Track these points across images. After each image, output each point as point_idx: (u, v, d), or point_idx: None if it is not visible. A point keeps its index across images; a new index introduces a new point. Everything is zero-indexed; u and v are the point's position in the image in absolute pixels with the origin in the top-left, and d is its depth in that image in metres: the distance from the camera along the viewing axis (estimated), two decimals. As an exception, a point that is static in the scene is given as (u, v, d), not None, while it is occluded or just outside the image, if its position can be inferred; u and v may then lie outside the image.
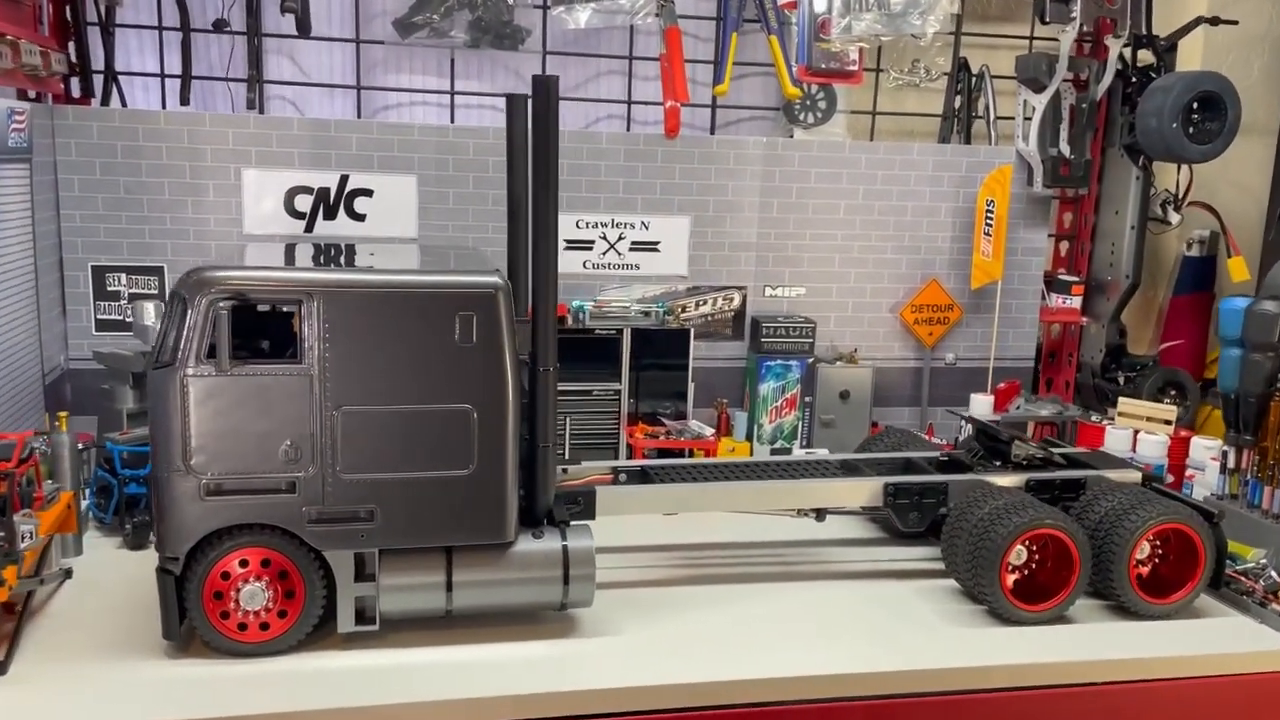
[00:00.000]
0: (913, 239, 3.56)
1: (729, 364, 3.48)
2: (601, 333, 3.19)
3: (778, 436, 3.45)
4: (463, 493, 2.09)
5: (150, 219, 3.06)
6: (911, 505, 2.52)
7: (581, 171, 3.28)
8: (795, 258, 3.48)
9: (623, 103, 3.57)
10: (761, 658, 2.15)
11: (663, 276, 3.40)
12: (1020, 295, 3.67)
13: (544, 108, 2.08)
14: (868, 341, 3.58)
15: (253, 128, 3.07)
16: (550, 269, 2.12)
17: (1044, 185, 3.50)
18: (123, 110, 3.05)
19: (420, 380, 2.04)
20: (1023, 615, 2.32)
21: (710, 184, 3.37)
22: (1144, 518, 2.35)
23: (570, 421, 3.20)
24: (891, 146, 3.51)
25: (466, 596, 2.14)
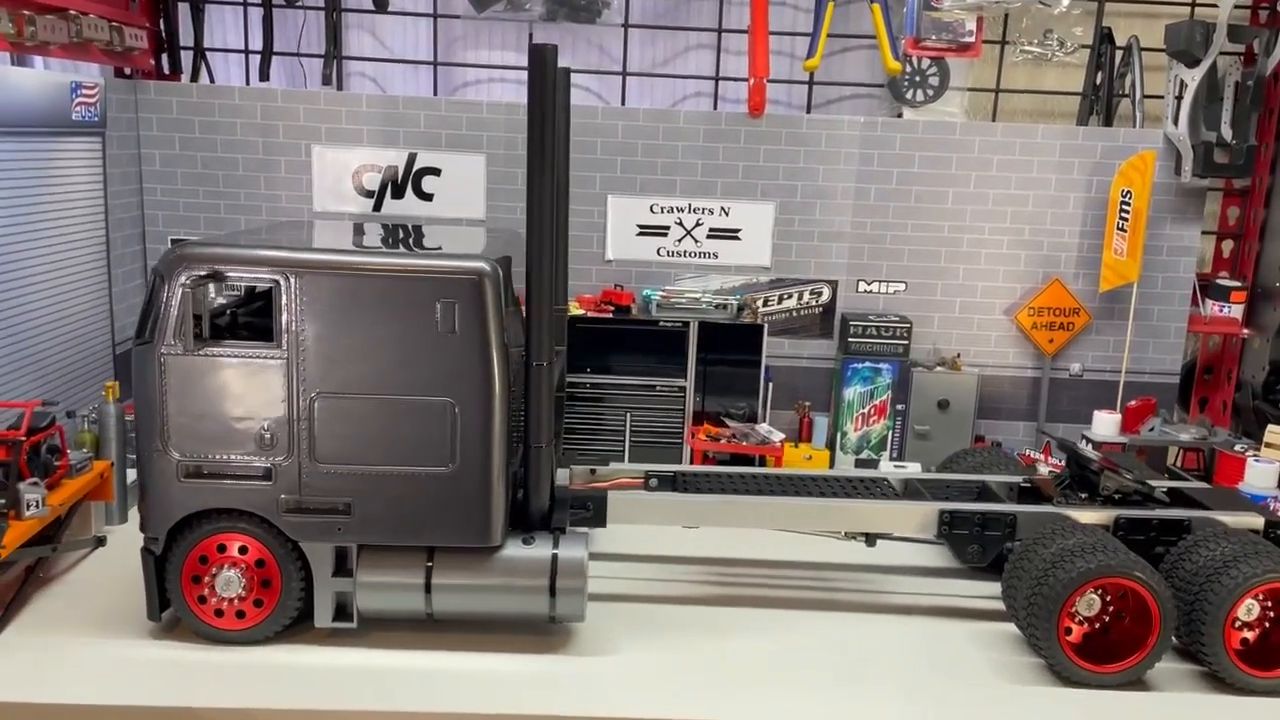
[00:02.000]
0: (1034, 233, 3.16)
1: (815, 364, 3.20)
2: (666, 325, 2.99)
3: (864, 446, 3.15)
4: (444, 492, 1.96)
5: (225, 194, 3.08)
6: (971, 536, 2.20)
7: (656, 152, 3.08)
8: (894, 250, 3.16)
9: (709, 79, 3.34)
10: (766, 701, 1.91)
11: (743, 267, 3.16)
12: (1165, 301, 3.20)
13: (540, 80, 1.90)
14: (977, 346, 3.21)
15: (322, 104, 3.04)
16: (545, 255, 1.94)
17: (1194, 174, 3.02)
18: (200, 86, 3.09)
19: (399, 370, 1.92)
20: (1085, 675, 1.98)
21: (799, 168, 3.10)
22: (1247, 574, 1.96)
23: (631, 418, 3.03)
24: (1011, 128, 3.12)
25: (446, 600, 2.01)
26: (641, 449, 3.04)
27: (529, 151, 1.92)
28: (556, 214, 1.96)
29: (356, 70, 3.35)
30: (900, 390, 3.11)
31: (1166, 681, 2.02)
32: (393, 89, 3.39)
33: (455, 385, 1.93)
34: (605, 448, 3.03)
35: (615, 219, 3.12)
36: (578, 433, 3.03)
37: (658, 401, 3.03)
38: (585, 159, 3.07)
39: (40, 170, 2.55)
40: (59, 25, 2.50)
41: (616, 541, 2.53)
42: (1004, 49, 3.25)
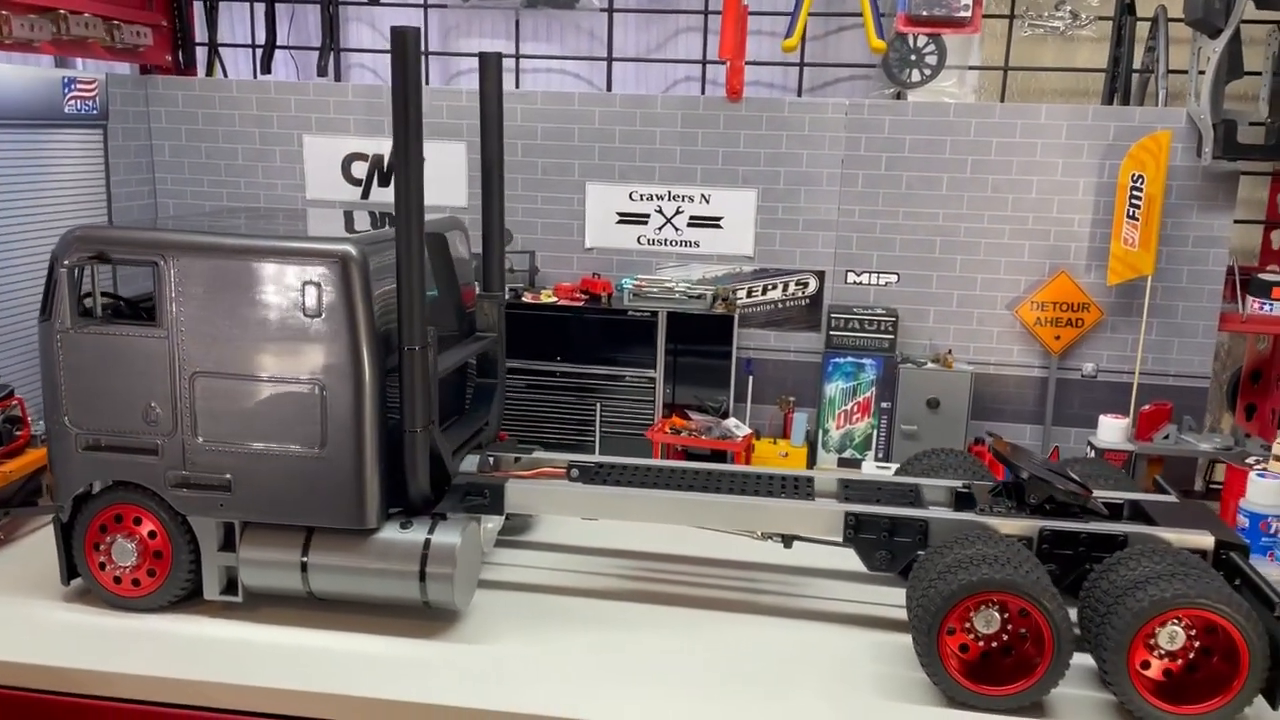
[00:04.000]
0: (1039, 222, 2.93)
1: (803, 358, 3.08)
2: (635, 314, 2.93)
3: (846, 445, 3.01)
4: (317, 473, 1.99)
5: (227, 183, 3.22)
6: (879, 542, 2.07)
7: (635, 139, 3.02)
8: (884, 240, 2.99)
9: (696, 63, 3.25)
10: (627, 698, 1.85)
11: (725, 256, 3.06)
12: (1191, 296, 2.91)
13: (401, 62, 1.89)
14: (977, 343, 3.01)
15: (312, 95, 3.13)
16: (413, 237, 1.93)
17: (1215, 156, 2.73)
18: (202, 79, 3.23)
19: (270, 352, 1.96)
20: (969, 697, 1.83)
21: (782, 153, 2.98)
22: (1155, 596, 1.76)
23: (601, 408, 2.99)
24: (1010, 108, 2.90)
25: (323, 580, 2.04)
26: (612, 440, 3.00)
27: (394, 135, 1.91)
28: (422, 197, 1.94)
29: (357, 62, 3.43)
30: (886, 387, 2.95)
31: (1069, 711, 1.84)
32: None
33: (322, 368, 1.95)
34: (575, 438, 3.01)
35: (594, 207, 3.08)
36: (547, 422, 3.01)
37: (627, 392, 2.98)
38: (563, 146, 3.05)
39: (30, 161, 2.72)
40: (41, 23, 2.65)
41: (551, 532, 2.52)
42: (1011, 23, 3.03)
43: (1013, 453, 2.19)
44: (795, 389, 3.06)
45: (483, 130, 2.44)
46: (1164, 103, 2.88)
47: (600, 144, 3.04)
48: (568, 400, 3.00)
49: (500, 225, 2.50)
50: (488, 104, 2.43)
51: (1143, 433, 2.83)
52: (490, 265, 2.50)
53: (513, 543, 2.47)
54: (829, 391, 2.99)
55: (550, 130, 3.05)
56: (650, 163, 3.03)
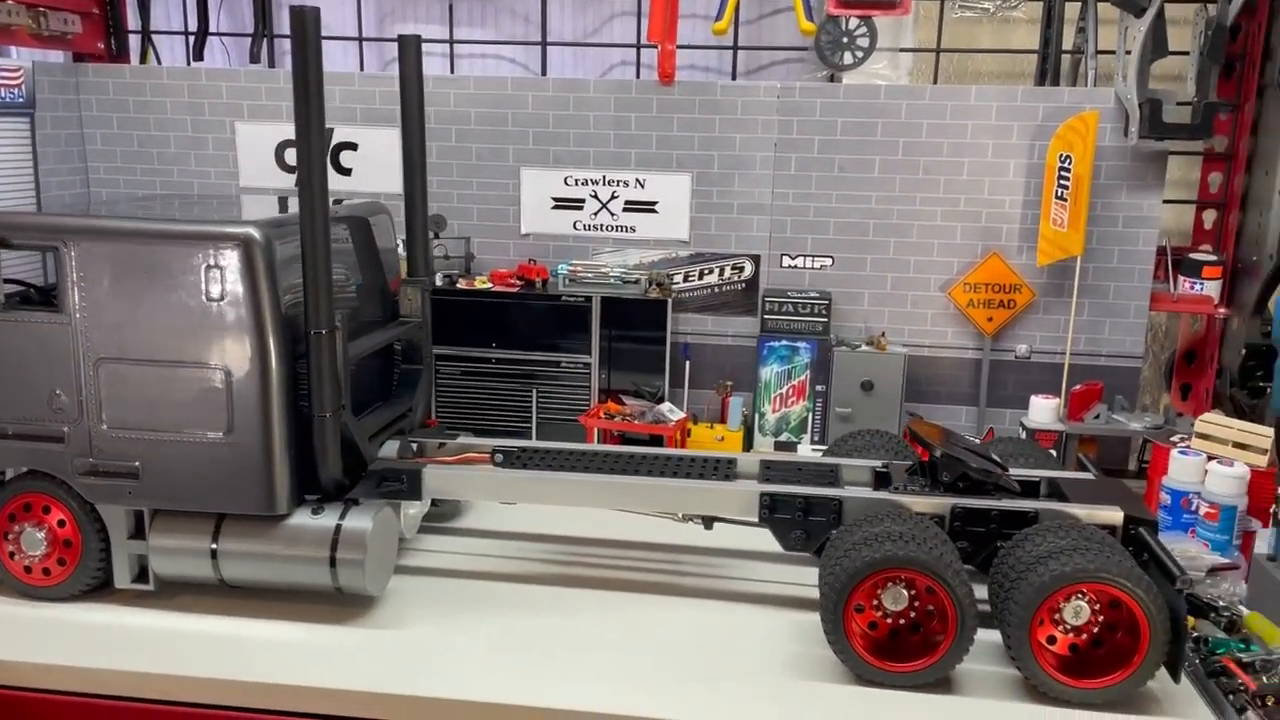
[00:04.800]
0: (970, 204, 2.94)
1: (740, 343, 3.08)
2: (569, 300, 2.92)
3: (783, 429, 3.01)
4: (225, 459, 1.97)
5: (160, 171, 3.19)
6: (794, 521, 2.06)
7: (568, 123, 3.01)
8: (818, 224, 2.99)
9: (630, 47, 3.24)
10: (536, 680, 1.84)
11: (661, 241, 3.06)
12: (1123, 277, 2.93)
13: (301, 43, 1.87)
14: (911, 325, 3.02)
15: (244, 81, 3.10)
16: (317, 221, 1.91)
17: (1140, 135, 2.74)
18: (133, 67, 3.20)
19: (173, 336, 1.94)
20: (875, 674, 1.83)
21: (715, 137, 2.97)
22: (1056, 571, 1.76)
23: (537, 394, 2.98)
24: (941, 90, 2.90)
25: (233, 568, 2.02)
26: (549, 426, 2.99)
27: (295, 117, 1.89)
28: (324, 178, 1.92)
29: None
30: (820, 370, 2.96)
31: (975, 686, 1.85)
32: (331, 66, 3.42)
33: (226, 352, 1.93)
34: (512, 424, 3.00)
35: (529, 192, 3.07)
36: (483, 409, 3.00)
37: (564, 378, 2.97)
38: (497, 131, 3.04)
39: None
40: (-41, 10, 2.62)
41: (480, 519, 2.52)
42: (943, 5, 3.03)
43: (934, 433, 2.19)
44: (733, 373, 3.06)
45: (403, 114, 2.42)
46: (1093, 83, 2.89)
47: (534, 129, 3.03)
48: (504, 387, 2.99)
49: (424, 210, 2.48)
50: (408, 87, 2.41)
51: (1074, 413, 2.85)
52: (415, 250, 2.48)
53: (439, 529, 2.46)
54: (764, 375, 2.99)
55: (484, 115, 3.03)
56: (585, 147, 3.02)
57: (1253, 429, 2.42)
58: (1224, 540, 2.31)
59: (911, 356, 2.95)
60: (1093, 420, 2.82)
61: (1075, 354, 2.91)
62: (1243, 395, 2.92)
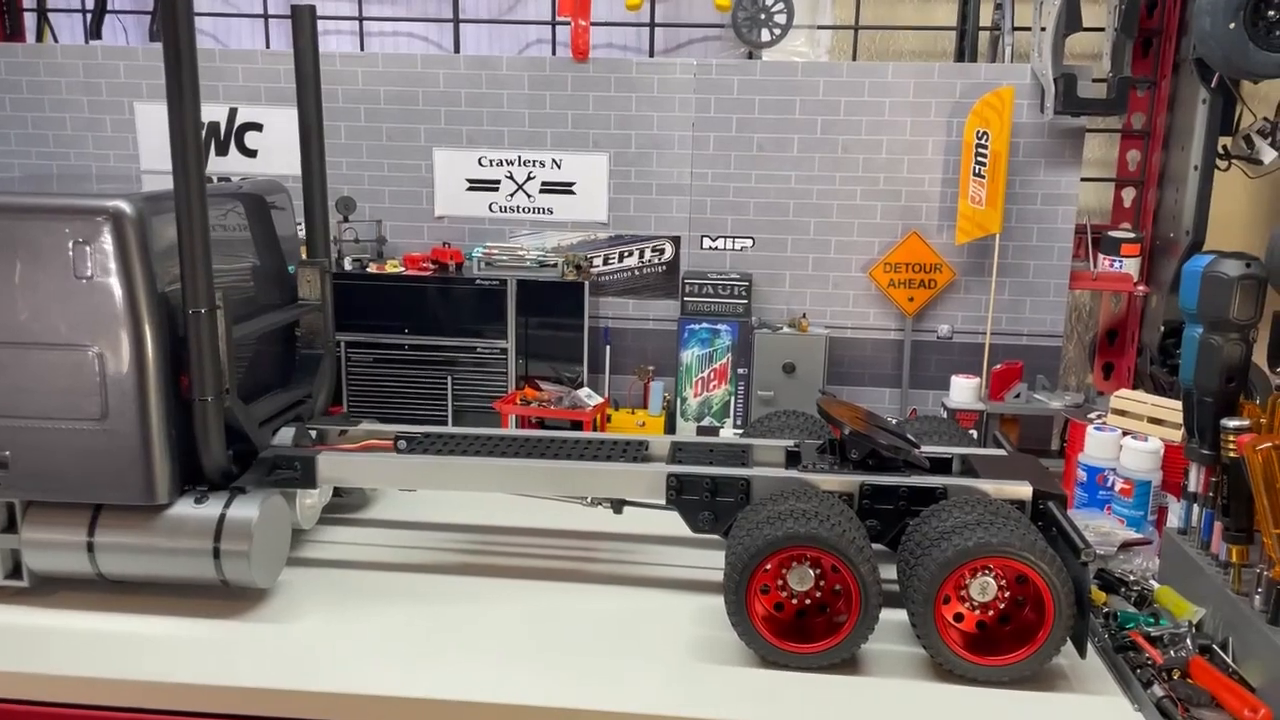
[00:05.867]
0: (890, 182, 2.90)
1: (662, 326, 3.02)
2: (483, 283, 2.84)
3: (705, 413, 2.96)
4: (100, 446, 1.86)
5: (56, 155, 3.06)
6: (701, 503, 2.01)
7: (481, 102, 2.93)
8: (738, 204, 2.94)
9: (545, 24, 3.16)
10: (430, 672, 1.77)
11: (580, 223, 2.99)
12: (1041, 255, 2.91)
13: (171, 9, 1.77)
14: (834, 306, 2.98)
15: (141, 59, 2.98)
16: (193, 195, 1.82)
17: (1055, 111, 2.72)
18: (25, 46, 3.07)
19: (40, 317, 1.83)
20: (779, 655, 1.78)
21: (632, 115, 2.91)
22: (959, 545, 1.72)
23: (452, 381, 2.90)
24: (857, 67, 2.87)
25: (112, 561, 1.92)
26: (465, 414, 2.91)
27: (167, 87, 1.80)
28: (199, 144, 1.83)
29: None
30: (742, 353, 2.91)
31: (880, 666, 1.80)
32: (236, 45, 3.32)
33: (96, 332, 1.83)
34: (427, 412, 2.91)
35: (442, 173, 2.99)
36: (397, 396, 2.91)
37: (480, 364, 2.89)
38: (408, 110, 2.95)
39: None
40: None
41: (386, 509, 2.43)
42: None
43: (844, 411, 2.15)
44: (655, 358, 3.01)
45: (299, 88, 2.33)
46: (1010, 60, 2.87)
47: (447, 108, 2.94)
48: (418, 374, 2.90)
49: (323, 188, 2.39)
50: (302, 61, 2.32)
51: (994, 392, 2.83)
52: (314, 231, 2.39)
53: (341, 520, 2.37)
54: (685, 359, 2.93)
55: (394, 94, 2.95)
56: (499, 127, 2.95)
57: (1166, 404, 2.41)
58: (1139, 516, 2.29)
59: (833, 338, 2.91)
60: (1013, 399, 2.81)
61: (996, 334, 2.89)
62: (1162, 373, 2.92)
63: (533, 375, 2.88)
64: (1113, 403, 2.48)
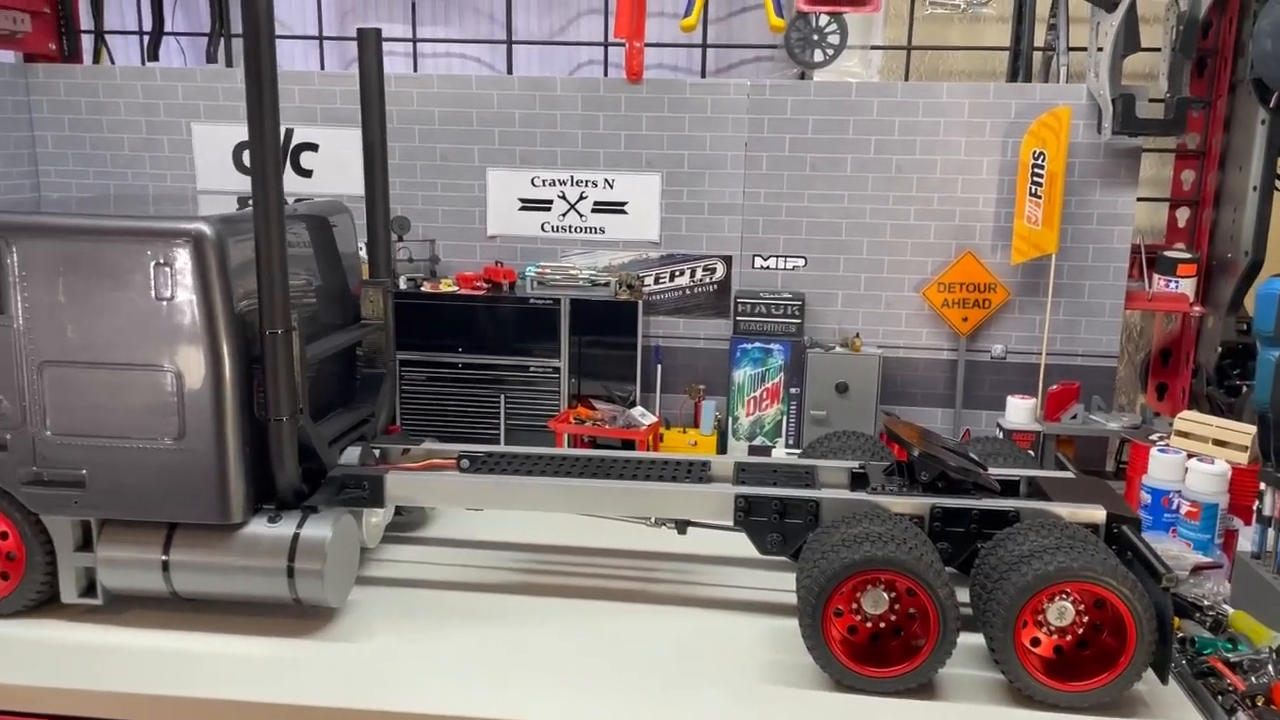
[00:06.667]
0: (944, 202, 2.90)
1: (713, 345, 3.02)
2: (537, 303, 2.85)
3: (757, 432, 2.95)
4: (177, 466, 1.88)
5: (113, 175, 3.10)
6: (770, 524, 2.00)
7: (535, 122, 2.95)
8: (790, 223, 2.95)
9: (598, 45, 3.18)
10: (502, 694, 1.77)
11: (631, 242, 3.00)
12: (1097, 275, 2.90)
13: (254, 27, 1.79)
14: (886, 326, 2.97)
15: (199, 81, 3.02)
16: (272, 214, 1.84)
17: (1114, 131, 2.72)
18: (85, 67, 3.11)
19: (122, 338, 1.85)
20: (856, 679, 1.77)
21: (684, 135, 2.92)
22: (1039, 570, 1.71)
23: (505, 400, 2.90)
24: (912, 87, 2.87)
25: (187, 580, 1.93)
26: (517, 433, 2.92)
27: (248, 108, 1.82)
28: (279, 168, 1.85)
29: (250, 48, 3.31)
30: (794, 372, 2.90)
31: (958, 691, 1.79)
32: (290, 66, 3.35)
33: (177, 353, 1.85)
34: (480, 431, 2.92)
35: (496, 193, 3.00)
36: (450, 415, 2.92)
37: (532, 383, 2.90)
38: (462, 130, 2.97)
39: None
40: (-102, 4, 2.53)
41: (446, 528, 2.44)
42: (914, 2, 3.00)
43: (911, 432, 2.14)
44: (705, 376, 3.01)
45: (364, 109, 2.36)
46: (1065, 80, 2.87)
47: (500, 128, 2.96)
48: (471, 392, 2.92)
49: (385, 208, 2.41)
50: (368, 81, 2.35)
51: (1050, 413, 2.81)
52: (376, 251, 2.41)
53: (403, 538, 2.38)
54: (737, 378, 2.93)
55: (448, 115, 2.97)
56: (552, 147, 2.96)
57: (1232, 426, 2.39)
58: (1206, 539, 2.27)
59: (886, 358, 2.90)
60: (1070, 420, 2.79)
61: (1051, 354, 2.87)
62: (1219, 394, 2.90)
63: (585, 394, 2.89)
64: (1176, 424, 2.47)
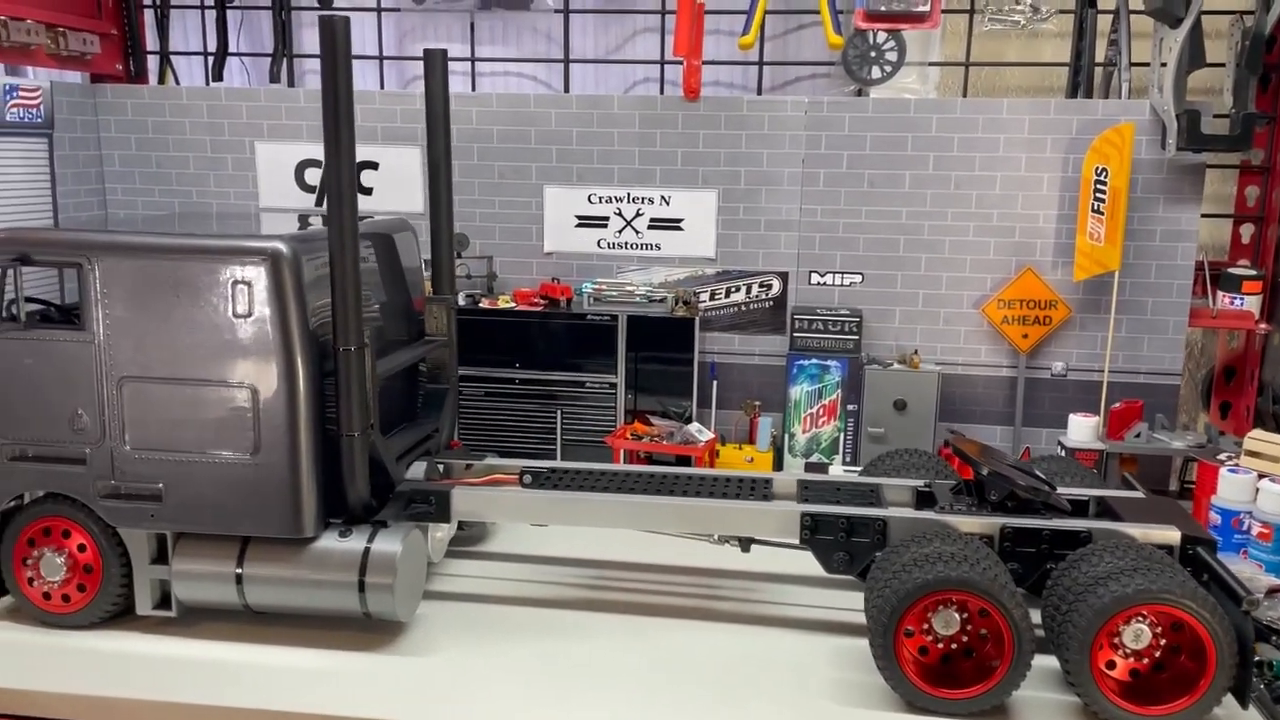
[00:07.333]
0: (1004, 218, 2.88)
1: (768, 362, 3.01)
2: (594, 319, 2.87)
3: (813, 449, 2.94)
4: (251, 480, 1.91)
5: (178, 192, 3.15)
6: (837, 543, 2.00)
7: (592, 140, 2.97)
8: (847, 240, 2.94)
9: (654, 63, 3.20)
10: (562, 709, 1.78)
11: (687, 259, 3.01)
12: (1160, 292, 2.86)
13: (330, 53, 1.83)
14: (944, 343, 2.95)
15: (263, 100, 3.07)
16: (346, 233, 1.87)
17: (1179, 147, 2.69)
18: (151, 87, 3.17)
19: (199, 354, 1.89)
20: (928, 701, 1.76)
21: (741, 152, 2.93)
22: (1117, 592, 1.69)
23: (561, 415, 2.92)
24: (972, 103, 2.86)
25: (259, 593, 1.96)
26: (574, 448, 2.93)
27: (324, 127, 1.85)
28: (354, 189, 1.88)
29: (310, 68, 3.37)
30: (851, 389, 2.89)
31: (1033, 714, 1.77)
32: (350, 86, 3.39)
33: (252, 370, 1.88)
34: (536, 446, 2.93)
35: (552, 210, 3.02)
36: (507, 430, 2.94)
37: (589, 399, 2.91)
38: (519, 149, 3.00)
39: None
40: (-23, 28, 2.59)
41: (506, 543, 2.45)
42: (972, 18, 2.99)
43: (975, 450, 2.13)
44: (760, 393, 3.00)
45: (429, 128, 2.39)
46: (1127, 96, 2.84)
47: (557, 146, 2.98)
48: (528, 408, 2.93)
49: (449, 226, 2.44)
50: (433, 101, 2.37)
51: (1114, 431, 2.78)
52: (440, 267, 2.43)
53: (465, 553, 2.39)
54: (794, 394, 2.92)
55: (506, 133, 2.99)
56: (609, 164, 2.98)
57: (1304, 446, 2.35)
58: (1278, 560, 2.23)
59: (945, 374, 2.88)
60: (1134, 439, 2.75)
61: (1113, 371, 2.84)
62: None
63: (641, 410, 2.89)
64: (1246, 444, 2.43)
